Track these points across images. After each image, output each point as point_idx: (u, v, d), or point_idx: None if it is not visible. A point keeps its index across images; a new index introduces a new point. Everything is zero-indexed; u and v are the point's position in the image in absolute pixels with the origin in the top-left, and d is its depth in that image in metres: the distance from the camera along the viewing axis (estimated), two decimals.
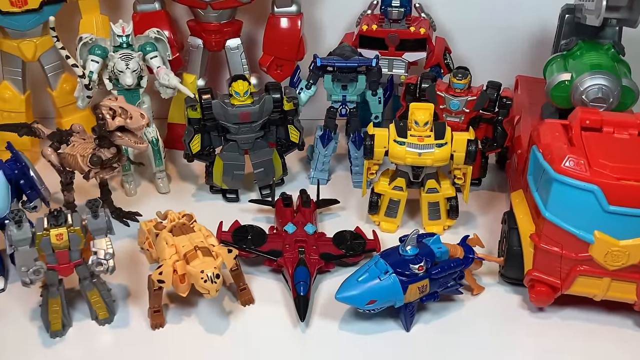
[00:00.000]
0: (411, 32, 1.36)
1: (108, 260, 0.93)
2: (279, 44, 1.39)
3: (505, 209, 1.31)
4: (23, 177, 1.03)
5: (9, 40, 1.30)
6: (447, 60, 1.41)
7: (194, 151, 1.24)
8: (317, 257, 1.08)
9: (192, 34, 1.40)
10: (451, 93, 1.27)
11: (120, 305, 1.04)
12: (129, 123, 1.00)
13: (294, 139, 1.28)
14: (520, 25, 1.55)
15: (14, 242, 0.90)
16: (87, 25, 1.35)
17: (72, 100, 1.41)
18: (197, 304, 1.05)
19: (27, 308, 1.04)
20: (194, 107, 1.21)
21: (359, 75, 1.27)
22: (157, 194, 1.34)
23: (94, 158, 1.06)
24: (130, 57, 1.18)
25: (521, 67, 1.58)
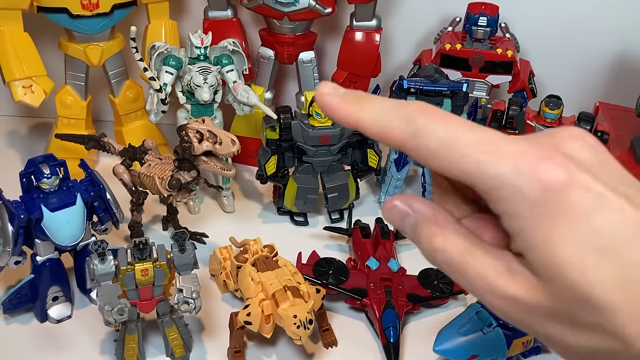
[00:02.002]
0: (498, 54, 1.28)
1: (195, 299, 0.86)
2: (355, 59, 1.32)
3: None
4: (98, 199, 0.96)
5: (75, 44, 1.23)
6: (531, 85, 1.34)
7: (269, 173, 1.17)
8: (405, 299, 1.01)
9: (264, 45, 1.33)
10: (541, 123, 1.20)
11: (195, 340, 0.97)
12: (217, 149, 0.93)
13: (372, 164, 1.21)
14: (601, 50, 1.47)
15: (96, 277, 0.83)
16: (155, 31, 1.28)
17: (134, 109, 1.35)
18: (277, 343, 0.99)
19: (95, 339, 0.98)
20: (274, 128, 1.13)
21: (444, 99, 1.20)
22: (222, 213, 1.27)
23: (172, 181, 0.99)
24: (208, 71, 1.11)
25: (599, 94, 1.50)
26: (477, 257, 0.37)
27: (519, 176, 0.34)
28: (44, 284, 0.96)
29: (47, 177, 0.91)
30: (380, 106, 0.38)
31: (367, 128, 0.38)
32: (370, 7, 1.28)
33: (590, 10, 1.42)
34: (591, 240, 0.33)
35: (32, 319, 1.00)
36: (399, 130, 0.37)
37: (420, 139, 0.36)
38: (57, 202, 0.91)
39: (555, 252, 0.33)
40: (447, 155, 0.35)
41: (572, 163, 0.34)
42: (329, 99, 0.39)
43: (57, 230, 0.92)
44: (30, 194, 0.92)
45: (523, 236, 0.35)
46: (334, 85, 0.39)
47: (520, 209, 0.34)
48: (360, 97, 0.38)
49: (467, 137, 0.35)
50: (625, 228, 0.33)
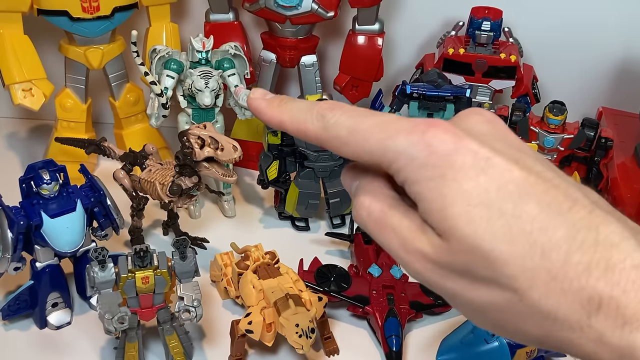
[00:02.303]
0: (501, 58, 1.27)
1: (196, 307, 0.85)
2: (357, 63, 1.31)
3: None
4: (98, 205, 0.96)
5: (75, 47, 1.22)
6: (535, 90, 1.33)
7: (271, 178, 1.16)
8: (407, 307, 1.00)
9: (265, 48, 1.32)
10: (545, 129, 1.19)
11: (195, 348, 0.97)
12: (219, 155, 0.92)
13: None
14: (604, 54, 1.46)
15: (96, 285, 0.82)
16: (156, 34, 1.27)
17: (134, 112, 1.34)
18: (278, 351, 0.98)
19: (95, 345, 0.97)
20: (275, 133, 1.13)
21: (447, 104, 1.19)
22: (223, 218, 1.26)
23: (174, 187, 0.98)
24: (210, 75, 1.10)
25: (602, 99, 1.49)
26: (396, 214, 0.40)
27: (411, 145, 0.37)
28: (44, 290, 0.96)
29: (47, 183, 0.90)
30: (298, 107, 0.42)
31: (288, 127, 0.43)
32: (372, 10, 1.27)
33: (593, 15, 1.41)
34: (479, 196, 0.35)
35: (31, 325, 0.99)
36: (312, 126, 0.41)
37: (331, 131, 0.40)
38: (57, 208, 0.90)
39: (447, 208, 0.36)
40: (354, 141, 0.39)
41: (461, 131, 0.37)
42: (257, 102, 0.44)
43: (57, 236, 0.91)
44: (30, 199, 0.91)
45: (421, 200, 0.38)
46: (263, 91, 0.45)
47: (415, 174, 0.37)
48: (282, 101, 0.43)
49: (369, 121, 0.39)
50: (512, 186, 0.35)
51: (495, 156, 0.36)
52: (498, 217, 0.35)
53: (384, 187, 0.42)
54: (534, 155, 0.38)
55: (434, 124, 0.38)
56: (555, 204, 0.35)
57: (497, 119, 0.41)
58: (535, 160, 0.38)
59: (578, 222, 0.34)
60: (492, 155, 0.36)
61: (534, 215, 0.35)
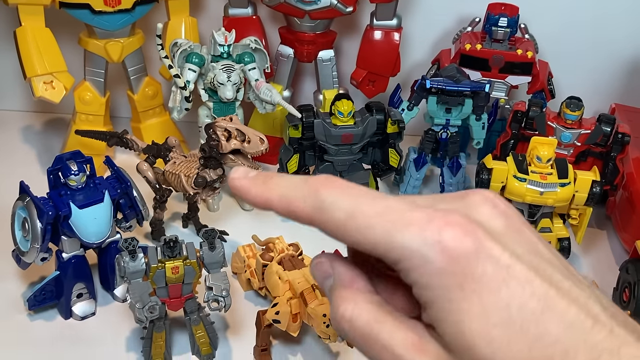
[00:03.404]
0: (518, 55, 1.28)
1: (225, 297, 0.86)
2: (375, 58, 1.31)
3: (608, 250, 1.25)
4: (124, 197, 0.96)
5: (95, 40, 1.22)
6: (550, 86, 1.34)
7: (291, 171, 1.17)
8: None
9: (283, 43, 1.32)
10: (562, 124, 1.20)
11: (220, 339, 0.97)
12: (246, 147, 0.93)
13: (393, 163, 1.21)
14: (617, 51, 1.47)
15: (127, 275, 0.83)
16: (175, 28, 1.27)
17: (152, 105, 1.34)
18: (302, 342, 0.99)
19: (120, 336, 0.98)
20: (296, 126, 1.13)
21: (465, 99, 1.20)
22: (241, 211, 1.27)
23: (199, 179, 0.98)
24: (232, 69, 1.11)
25: (614, 95, 1.50)
26: (386, 327, 0.36)
27: (426, 245, 0.33)
28: (69, 280, 0.96)
29: (75, 174, 0.91)
30: (286, 184, 0.38)
31: (276, 206, 0.38)
32: (391, 6, 1.28)
33: (606, 13, 1.42)
34: (500, 313, 0.32)
35: (56, 315, 1.00)
36: (304, 205, 0.36)
37: (326, 213, 0.36)
38: (84, 199, 0.91)
39: (465, 325, 0.33)
40: (354, 226, 0.35)
41: (480, 230, 0.34)
42: (240, 182, 0.39)
43: (85, 227, 0.92)
44: (58, 190, 0.92)
45: (433, 308, 0.34)
46: (244, 170, 0.40)
47: (429, 279, 0.33)
48: (267, 178, 0.39)
49: (372, 206, 0.35)
50: (533, 302, 0.33)
51: (516, 264, 0.33)
52: (519, 339, 0.32)
53: (367, 290, 0.38)
54: (549, 258, 0.36)
55: (451, 221, 0.34)
56: (577, 322, 0.33)
57: (511, 209, 0.37)
58: (552, 265, 0.35)
59: (599, 344, 0.32)
60: (512, 263, 0.33)
61: (556, 337, 0.32)
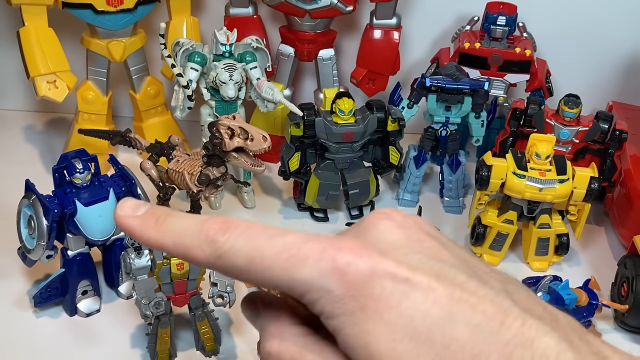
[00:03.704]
0: (516, 53, 1.30)
1: (230, 292, 0.87)
2: (374, 56, 1.33)
3: (606, 246, 1.27)
4: (128, 194, 0.97)
5: (98, 39, 1.23)
6: (548, 84, 1.35)
7: (292, 169, 1.18)
8: None
9: (284, 42, 1.34)
10: (560, 121, 1.21)
11: (224, 335, 0.98)
12: (249, 145, 0.94)
13: (393, 161, 1.22)
14: (614, 50, 1.49)
15: (133, 271, 0.84)
16: (177, 28, 1.28)
17: (154, 105, 1.35)
18: None
19: (125, 332, 0.99)
20: (298, 125, 1.14)
21: (465, 97, 1.21)
22: (242, 209, 1.28)
23: (202, 177, 1.00)
24: (234, 68, 1.12)
25: (612, 93, 1.52)
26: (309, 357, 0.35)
27: (323, 276, 0.33)
28: (74, 278, 0.97)
29: (80, 172, 0.92)
30: (180, 230, 0.36)
31: (172, 252, 0.37)
32: (391, 5, 1.29)
33: (604, 11, 1.43)
34: (405, 328, 0.32)
35: (61, 312, 1.01)
36: (202, 253, 0.35)
37: (225, 260, 0.35)
38: (89, 197, 0.92)
39: (372, 346, 0.32)
40: (255, 271, 0.34)
41: (373, 249, 0.34)
42: (128, 221, 0.37)
43: (90, 224, 0.93)
44: (63, 188, 0.93)
45: (341, 334, 0.34)
46: (132, 204, 0.38)
47: (332, 308, 0.33)
48: (159, 219, 0.37)
49: (270, 247, 0.34)
50: (436, 309, 0.32)
51: (415, 275, 0.33)
52: (427, 349, 0.32)
53: (291, 323, 0.37)
54: (454, 259, 0.35)
55: (342, 246, 0.33)
56: (485, 322, 0.32)
57: (408, 219, 0.37)
58: (456, 268, 0.34)
59: (511, 340, 0.32)
60: (411, 274, 0.33)
61: (465, 341, 0.32)
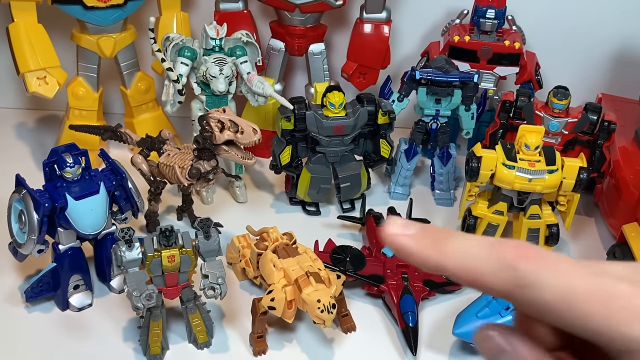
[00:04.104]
0: (506, 46, 1.31)
1: (221, 284, 0.87)
2: (365, 51, 1.33)
3: (596, 236, 1.28)
4: (119, 188, 0.97)
5: (88, 35, 1.23)
6: (538, 77, 1.36)
7: (283, 163, 1.18)
8: (421, 285, 1.03)
9: (274, 37, 1.34)
10: (549, 113, 1.22)
11: (216, 327, 0.99)
12: (239, 138, 0.94)
13: (384, 154, 1.23)
14: (602, 42, 1.50)
15: (124, 264, 0.84)
16: (167, 23, 1.28)
17: (145, 100, 1.36)
18: (297, 329, 1.00)
19: (117, 326, 0.99)
20: (289, 118, 1.15)
21: (455, 90, 1.22)
22: (234, 203, 1.29)
23: (192, 170, 1.00)
24: (224, 62, 1.12)
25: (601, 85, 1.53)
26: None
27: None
28: (66, 272, 0.97)
29: (70, 166, 0.92)
30: (466, 250, 0.32)
31: (454, 275, 0.33)
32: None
33: (593, 5, 1.44)
34: None
35: (53, 307, 1.01)
36: (497, 279, 0.31)
37: (529, 291, 0.31)
38: (80, 191, 0.92)
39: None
40: (568, 311, 0.30)
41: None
42: (401, 241, 0.34)
43: (81, 218, 0.93)
44: (54, 182, 0.93)
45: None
46: (402, 223, 0.34)
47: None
48: (439, 240, 0.33)
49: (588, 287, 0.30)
50: None
51: None
52: None
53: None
54: None
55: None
56: None
57: None
58: None
59: None
60: None
61: None
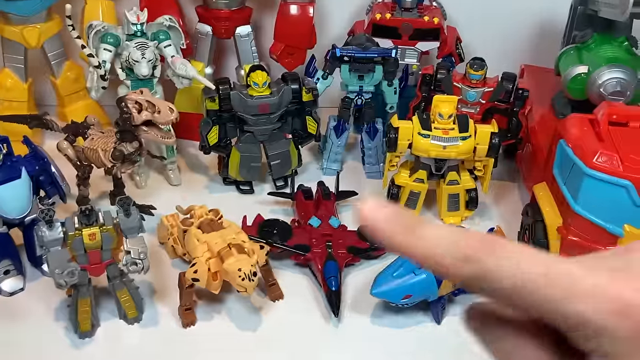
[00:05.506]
0: (425, 21, 1.35)
1: (143, 259, 0.90)
2: (291, 31, 1.37)
3: (517, 200, 1.34)
4: (43, 173, 0.99)
5: (11, 26, 1.24)
6: (459, 50, 1.41)
7: (212, 143, 1.22)
8: (345, 252, 1.07)
9: (201, 21, 1.36)
10: (467, 84, 1.27)
11: (147, 303, 1.02)
12: (156, 117, 0.97)
13: (311, 130, 1.27)
14: (524, 15, 1.56)
15: (45, 244, 0.86)
16: (92, 12, 1.30)
17: (75, 89, 1.37)
18: (226, 300, 1.04)
19: (49, 308, 1.01)
20: (213, 99, 1.18)
21: (376, 66, 1.26)
22: (168, 186, 1.31)
23: (116, 153, 1.02)
24: (146, 46, 1.14)
25: (523, 57, 1.59)
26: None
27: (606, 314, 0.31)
28: None
29: None
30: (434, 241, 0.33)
31: (422, 263, 0.34)
32: None
33: None
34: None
35: None
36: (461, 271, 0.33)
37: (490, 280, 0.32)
38: (2, 177, 0.94)
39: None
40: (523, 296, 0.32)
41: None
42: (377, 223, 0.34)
43: (4, 203, 0.95)
44: None
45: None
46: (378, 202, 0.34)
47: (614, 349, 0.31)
48: (410, 226, 0.34)
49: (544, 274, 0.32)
50: None
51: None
52: None
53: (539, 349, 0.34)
54: None
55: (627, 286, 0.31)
56: None
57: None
58: None
59: None
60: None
61: None
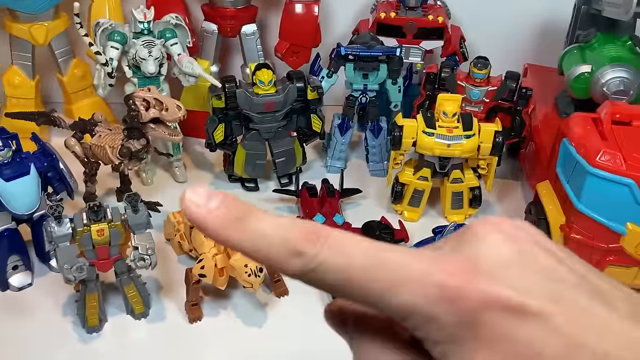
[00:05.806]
0: (429, 20, 1.36)
1: (151, 255, 0.92)
2: (296, 30, 1.38)
3: (521, 198, 1.35)
4: (51, 170, 1.00)
5: (19, 24, 1.25)
6: (462, 49, 1.42)
7: (217, 141, 1.23)
8: None
9: (207, 19, 1.37)
10: (471, 83, 1.28)
11: (153, 299, 1.03)
12: (164, 115, 0.98)
13: (316, 128, 1.28)
14: (527, 14, 1.57)
15: (54, 239, 0.88)
16: (99, 10, 1.31)
17: (82, 87, 1.38)
18: (231, 296, 1.05)
19: (57, 303, 1.02)
20: (219, 97, 1.19)
21: (380, 64, 1.27)
22: (174, 183, 1.33)
23: (123, 150, 1.03)
24: (152, 44, 1.15)
25: (527, 56, 1.60)
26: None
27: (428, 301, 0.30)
28: (3, 253, 1.00)
29: (0, 150, 0.95)
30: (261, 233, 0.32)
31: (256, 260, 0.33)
32: None
33: None
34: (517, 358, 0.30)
35: None
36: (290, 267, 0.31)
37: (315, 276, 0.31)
38: (11, 173, 0.95)
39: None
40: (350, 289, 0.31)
41: (482, 273, 0.30)
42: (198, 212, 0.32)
43: (14, 199, 0.96)
44: None
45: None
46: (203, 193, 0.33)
47: (438, 335, 0.31)
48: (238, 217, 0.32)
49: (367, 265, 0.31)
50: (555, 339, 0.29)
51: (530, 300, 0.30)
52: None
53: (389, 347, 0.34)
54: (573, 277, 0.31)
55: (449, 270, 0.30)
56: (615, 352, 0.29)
57: (520, 232, 0.32)
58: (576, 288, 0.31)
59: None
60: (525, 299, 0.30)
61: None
